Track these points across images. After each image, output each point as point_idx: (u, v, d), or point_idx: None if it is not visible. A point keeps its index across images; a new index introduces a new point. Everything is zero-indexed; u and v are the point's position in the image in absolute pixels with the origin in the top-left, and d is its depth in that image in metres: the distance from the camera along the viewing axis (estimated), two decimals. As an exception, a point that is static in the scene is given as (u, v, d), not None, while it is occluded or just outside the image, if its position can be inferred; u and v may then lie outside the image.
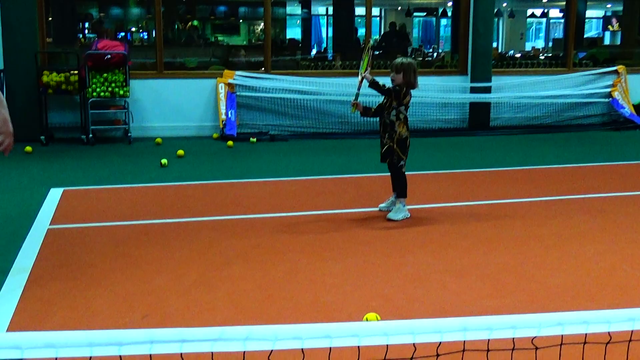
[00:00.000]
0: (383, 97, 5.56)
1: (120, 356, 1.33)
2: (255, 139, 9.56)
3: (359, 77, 5.63)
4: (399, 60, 5.56)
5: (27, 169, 7.48)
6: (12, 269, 4.28)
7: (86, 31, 17.22)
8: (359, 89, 5.67)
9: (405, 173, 5.60)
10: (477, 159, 8.41)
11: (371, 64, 5.75)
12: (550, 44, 22.88)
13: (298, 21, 22.32)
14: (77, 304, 3.76)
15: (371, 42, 5.87)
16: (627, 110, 11.15)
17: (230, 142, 9.24)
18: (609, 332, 1.53)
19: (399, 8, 23.06)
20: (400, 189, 5.59)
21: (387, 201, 5.76)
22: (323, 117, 10.40)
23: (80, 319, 3.54)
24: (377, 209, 5.77)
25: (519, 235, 5.12)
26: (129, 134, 9.39)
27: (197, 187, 6.80)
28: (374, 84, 5.48)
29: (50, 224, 5.35)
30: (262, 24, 12.86)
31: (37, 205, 5.90)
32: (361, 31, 16.09)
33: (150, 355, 1.35)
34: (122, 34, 18.19)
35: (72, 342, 1.26)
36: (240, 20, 20.95)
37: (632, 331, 1.53)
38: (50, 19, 11.93)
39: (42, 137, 9.05)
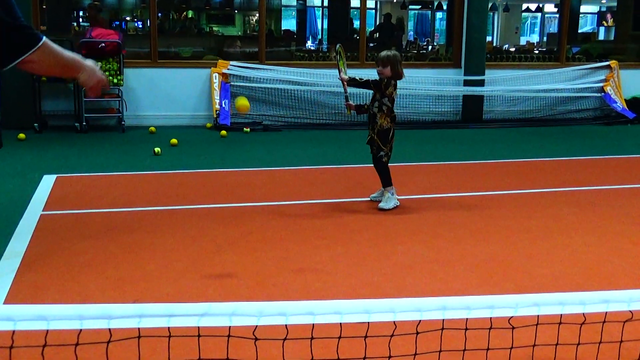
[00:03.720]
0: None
1: (109, 329, 1.37)
2: (248, 129, 9.59)
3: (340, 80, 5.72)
4: (383, 53, 5.56)
5: (21, 155, 7.49)
6: (4, 254, 4.31)
7: (80, 19, 17.16)
8: (345, 91, 5.77)
9: (389, 164, 5.63)
10: (470, 152, 8.46)
11: (344, 64, 5.84)
12: (545, 39, 22.92)
13: (293, 12, 22.30)
14: (69, 288, 3.80)
15: (337, 46, 5.94)
16: (619, 104, 11.22)
17: (223, 132, 9.26)
18: (583, 314, 1.57)
19: (394, 1, 23.04)
20: (383, 179, 5.63)
21: (378, 191, 5.80)
22: (316, 108, 10.44)
23: (72, 303, 3.57)
24: (368, 198, 5.82)
25: (508, 226, 5.17)
26: (123, 123, 9.40)
27: (190, 176, 6.83)
28: (351, 82, 5.59)
29: (43, 210, 5.38)
30: (257, 14, 12.85)
31: (31, 192, 5.92)
32: (356, 23, 16.11)
33: (139, 328, 1.39)
34: (117, 22, 18.15)
35: (63, 314, 1.30)
36: (236, 11, 20.90)
37: (605, 312, 1.58)
38: (44, 6, 11.90)
39: (36, 125, 9.06)
